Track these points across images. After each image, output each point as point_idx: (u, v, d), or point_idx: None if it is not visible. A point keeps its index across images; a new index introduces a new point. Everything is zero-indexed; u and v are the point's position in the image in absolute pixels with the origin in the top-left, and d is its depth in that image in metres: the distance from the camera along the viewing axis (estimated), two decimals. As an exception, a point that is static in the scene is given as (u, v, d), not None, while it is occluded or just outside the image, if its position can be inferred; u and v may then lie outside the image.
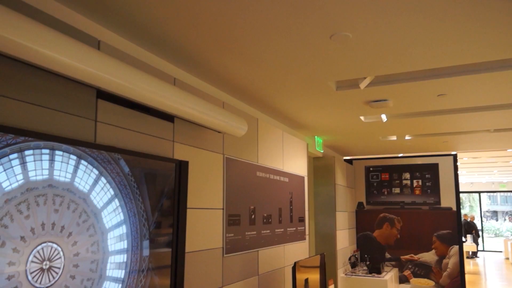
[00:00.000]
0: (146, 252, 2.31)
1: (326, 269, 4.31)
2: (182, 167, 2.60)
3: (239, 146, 3.56)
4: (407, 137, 5.58)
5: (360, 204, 7.03)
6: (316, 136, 5.50)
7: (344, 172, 6.61)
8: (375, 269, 6.06)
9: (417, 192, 6.71)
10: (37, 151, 1.75)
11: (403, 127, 4.92)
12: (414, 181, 6.74)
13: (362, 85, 3.25)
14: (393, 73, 3.01)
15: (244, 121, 3.17)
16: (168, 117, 2.67)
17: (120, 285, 2.13)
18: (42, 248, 1.75)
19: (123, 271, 2.15)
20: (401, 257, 6.71)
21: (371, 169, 7.02)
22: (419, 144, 6.14)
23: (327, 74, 3.01)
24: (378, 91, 3.46)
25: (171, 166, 2.53)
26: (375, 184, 6.97)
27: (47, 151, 1.79)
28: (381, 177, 6.94)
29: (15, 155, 1.66)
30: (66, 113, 1.98)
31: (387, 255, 6.78)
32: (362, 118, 4.40)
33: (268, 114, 4.29)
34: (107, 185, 2.09)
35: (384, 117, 4.36)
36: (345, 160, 7.07)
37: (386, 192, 6.89)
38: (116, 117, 2.27)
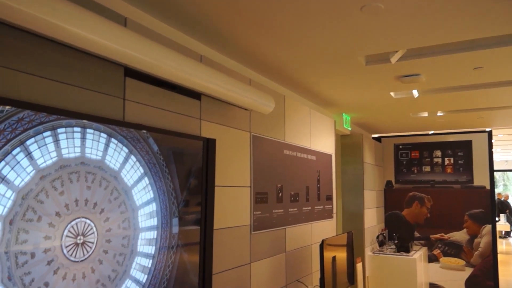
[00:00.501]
0: (175, 229, 2.34)
1: (354, 248, 4.29)
2: (209, 145, 2.60)
3: (266, 124, 3.54)
4: (439, 113, 5.41)
5: (388, 183, 6.92)
6: (344, 114, 5.41)
7: (372, 150, 6.50)
8: (404, 248, 6.00)
9: (449, 170, 6.54)
10: (69, 129, 1.77)
11: (436, 103, 4.76)
12: (446, 159, 6.56)
13: (393, 59, 3.14)
14: (426, 45, 2.89)
15: (271, 98, 3.14)
16: (195, 95, 2.67)
17: (151, 260, 2.17)
18: (76, 224, 1.79)
19: (153, 247, 2.19)
20: (431, 236, 6.60)
21: (400, 147, 6.88)
22: (451, 121, 5.95)
23: (356, 48, 2.92)
24: (410, 65, 3.34)
25: (198, 144, 2.53)
26: (404, 162, 6.84)
27: (78, 129, 1.81)
28: (410, 155, 6.79)
29: (48, 133, 1.69)
30: (95, 92, 2.00)
31: (416, 234, 6.68)
32: (392, 94, 4.28)
33: (295, 91, 4.23)
34: (137, 163, 2.11)
35: (415, 92, 4.23)
36: (374, 138, 6.94)
37: (416, 171, 6.74)
38: (143, 95, 2.28)
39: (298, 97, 4.40)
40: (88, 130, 1.86)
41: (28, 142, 1.61)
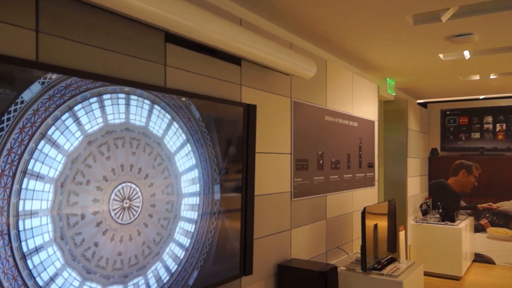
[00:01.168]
0: (217, 196, 2.36)
1: (396, 216, 4.22)
2: (250, 111, 2.58)
3: (307, 89, 3.46)
4: (492, 76, 5.10)
5: (434, 150, 6.70)
6: (388, 78, 5.21)
7: (417, 116, 6.28)
8: (449, 217, 5.85)
9: (500, 137, 6.23)
10: (114, 95, 1.79)
11: (488, 64, 4.48)
12: (497, 125, 6.24)
13: (444, 17, 2.95)
14: (480, 1, 2.69)
15: (313, 63, 3.05)
16: (235, 60, 2.63)
17: (194, 225, 2.21)
18: (122, 188, 1.84)
19: (196, 212, 2.23)
20: (478, 205, 6.39)
21: (447, 112, 6.59)
22: (505, 84, 5.60)
23: (404, 7, 2.76)
24: (462, 24, 3.13)
25: (239, 111, 2.51)
26: (451, 128, 6.57)
27: (123, 95, 1.83)
28: (458, 121, 6.50)
29: (94, 99, 1.72)
30: (137, 58, 2.00)
31: (462, 203, 6.49)
32: (441, 56, 4.06)
33: (338, 55, 4.09)
34: (179, 130, 2.13)
35: (467, 53, 3.99)
36: (419, 103, 6.68)
37: (463, 138, 6.47)
38: (184, 61, 2.27)
39: (341, 61, 4.26)
40: (132, 97, 1.88)
41: (76, 108, 1.65)
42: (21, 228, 1.47)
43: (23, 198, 1.48)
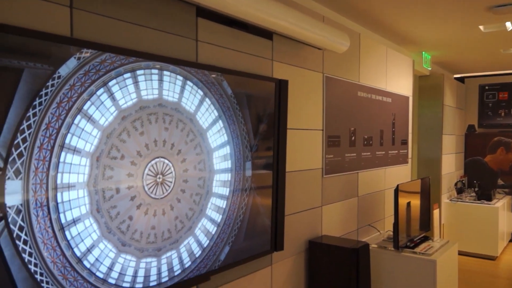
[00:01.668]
0: (248, 172, 2.36)
1: (430, 194, 4.12)
2: (281, 86, 2.54)
3: (340, 64, 3.38)
4: (534, 50, 4.84)
5: (470, 127, 6.47)
6: (423, 52, 5.03)
7: (453, 91, 6.06)
8: (485, 195, 5.68)
9: (542, 113, 5.95)
10: (147, 71, 1.80)
11: (532, 38, 4.25)
12: (540, 100, 5.95)
13: (487, -13, 2.80)
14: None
15: (346, 36, 2.96)
16: (267, 35, 2.58)
17: (225, 201, 2.23)
18: (156, 163, 1.86)
19: (228, 189, 2.24)
20: (516, 184, 6.18)
21: (486, 87, 6.32)
22: (548, 58, 5.32)
23: (444, -23, 2.62)
24: (506, -5, 2.96)
25: (271, 87, 2.48)
26: (490, 104, 6.31)
27: (156, 71, 1.83)
28: (498, 97, 6.23)
29: (128, 74, 1.73)
30: (169, 33, 1.99)
31: (500, 182, 6.28)
32: (481, 27, 3.87)
33: (371, 29, 3.96)
34: (211, 106, 2.12)
35: (509, 25, 3.78)
36: (456, 78, 6.43)
37: (503, 114, 6.20)
38: (216, 36, 2.24)
39: (375, 35, 4.12)
40: (165, 73, 1.88)
41: (110, 83, 1.66)
42: (59, 200, 1.52)
43: (61, 171, 1.52)
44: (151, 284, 1.86)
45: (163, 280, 1.91)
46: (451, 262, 3.55)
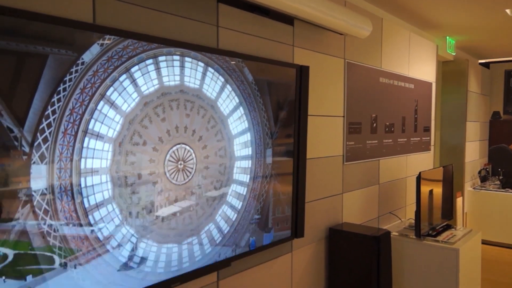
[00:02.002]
0: (269, 159, 2.35)
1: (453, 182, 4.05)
2: (303, 72, 2.51)
3: (361, 49, 3.32)
4: None
5: (495, 114, 6.30)
6: (448, 37, 4.90)
7: (478, 77, 5.90)
8: (510, 184, 5.56)
9: None
10: (169, 57, 1.80)
11: (562, 21, 4.09)
12: None
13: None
14: None
15: (368, 21, 2.90)
16: (288, 20, 2.55)
17: (246, 188, 2.23)
18: (177, 149, 1.87)
19: (248, 176, 2.24)
20: (543, 172, 6.02)
21: (513, 73, 6.14)
22: None
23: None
24: (537, -25, 2.85)
25: (291, 74, 2.45)
26: (517, 90, 6.13)
27: (177, 57, 1.83)
28: (525, 83, 6.05)
29: (150, 60, 1.73)
30: (190, 19, 1.98)
31: (525, 170, 6.13)
32: (507, 11, 3.74)
33: (394, 13, 3.87)
34: (232, 93, 2.11)
35: (538, 8, 3.65)
36: (481, 63, 6.26)
37: (530, 100, 6.03)
38: (236, 22, 2.22)
39: (397, 20, 4.03)
40: (187, 59, 1.87)
41: (132, 70, 1.67)
42: (83, 185, 1.54)
43: (85, 156, 1.54)
44: (172, 269, 1.88)
45: (184, 265, 1.93)
46: (474, 251, 3.50)
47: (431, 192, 3.48)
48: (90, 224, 1.57)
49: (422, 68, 4.35)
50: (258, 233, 2.30)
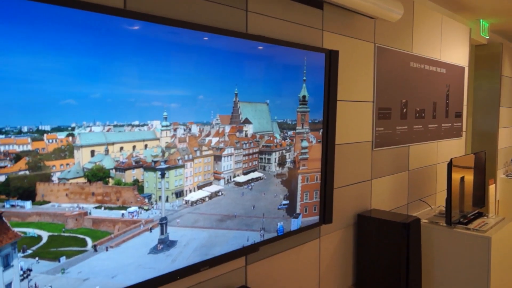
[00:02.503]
0: (297, 145, 2.34)
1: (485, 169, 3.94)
2: (332, 57, 2.47)
3: (392, 33, 3.24)
4: None
5: (531, 99, 6.07)
6: (481, 20, 4.72)
7: (513, 61, 5.68)
8: (545, 171, 5.38)
9: None
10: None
11: None
12: None
13: None
14: None
15: (400, 4, 2.82)
16: (317, 4, 2.51)
17: (273, 173, 2.23)
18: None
19: (276, 161, 2.23)
20: None
21: (551, 56, 5.88)
22: None
23: None
24: None
25: (321, 59, 2.41)
26: (554, 74, 5.87)
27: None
28: None
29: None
30: (219, 4, 1.97)
31: (562, 157, 5.90)
32: (549, -9, 3.57)
33: (426, -5, 3.76)
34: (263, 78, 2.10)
35: None
36: (516, 47, 6.02)
37: None
38: (266, 6, 2.20)
39: (429, 2, 3.91)
40: (214, 43, 1.87)
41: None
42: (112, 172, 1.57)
43: (119, 142, 1.57)
44: (201, 253, 1.91)
45: (213, 250, 1.95)
46: (507, 240, 3.41)
47: (462, 179, 3.40)
48: (123, 208, 1.61)
49: (454, 52, 4.21)
50: (286, 218, 2.31)
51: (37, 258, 1.39)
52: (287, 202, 2.30)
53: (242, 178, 2.06)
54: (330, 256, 2.80)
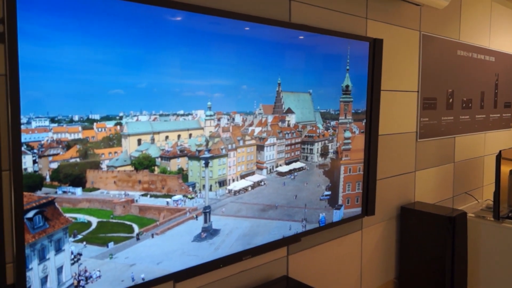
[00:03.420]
0: (340, 135, 2.31)
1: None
2: (376, 46, 2.41)
3: (438, 21, 3.12)
4: None
5: None
6: (535, 5, 4.46)
7: None
8: None
9: None
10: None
11: None
12: None
13: None
14: None
15: (448, -11, 2.71)
16: (361, -10, 2.45)
17: (315, 164, 2.21)
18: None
19: (318, 152, 2.21)
20: None
21: None
22: None
23: None
24: None
25: (365, 48, 2.35)
26: None
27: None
28: None
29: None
30: (262, -8, 1.96)
31: None
32: None
33: (475, -21, 3.59)
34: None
35: None
36: None
37: None
38: (308, -6, 2.17)
39: (478, -13, 3.74)
40: (257, 32, 1.86)
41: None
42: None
43: (165, 131, 1.60)
44: (243, 242, 1.92)
45: (255, 239, 1.96)
46: (561, 236, 3.24)
47: (511, 172, 3.25)
48: (168, 196, 1.64)
49: (504, 39, 4.01)
50: (328, 209, 2.28)
51: (84, 243, 1.43)
52: (329, 193, 2.28)
53: (284, 168, 2.05)
54: (372, 249, 2.75)
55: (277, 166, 2.02)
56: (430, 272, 2.76)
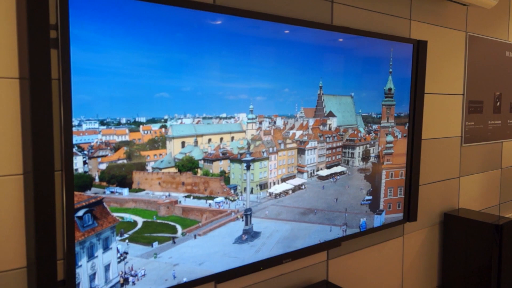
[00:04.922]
0: (381, 139, 2.27)
1: None
2: (420, 48, 2.35)
3: (486, 21, 3.01)
4: None
5: None
6: None
7: None
8: None
9: None
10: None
11: None
12: None
13: None
14: None
15: (497, -12, 2.61)
16: (405, -9, 2.40)
17: (356, 168, 2.18)
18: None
19: (359, 156, 2.18)
20: None
21: None
22: None
23: None
24: None
25: (408, 50, 2.30)
26: None
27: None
28: None
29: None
30: (304, -5, 1.95)
31: None
32: None
33: (525, -23, 3.44)
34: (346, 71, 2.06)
35: None
36: None
37: None
38: (351, -4, 2.15)
39: (528, -15, 3.58)
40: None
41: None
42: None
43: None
44: (284, 245, 1.92)
45: (296, 242, 1.95)
46: None
47: None
48: (210, 198, 1.66)
49: (557, 39, 3.82)
50: (369, 214, 2.25)
51: (127, 241, 1.47)
52: (370, 197, 2.24)
53: (325, 172, 2.04)
54: (414, 255, 2.68)
55: (317, 170, 2.00)
56: (475, 282, 2.66)
